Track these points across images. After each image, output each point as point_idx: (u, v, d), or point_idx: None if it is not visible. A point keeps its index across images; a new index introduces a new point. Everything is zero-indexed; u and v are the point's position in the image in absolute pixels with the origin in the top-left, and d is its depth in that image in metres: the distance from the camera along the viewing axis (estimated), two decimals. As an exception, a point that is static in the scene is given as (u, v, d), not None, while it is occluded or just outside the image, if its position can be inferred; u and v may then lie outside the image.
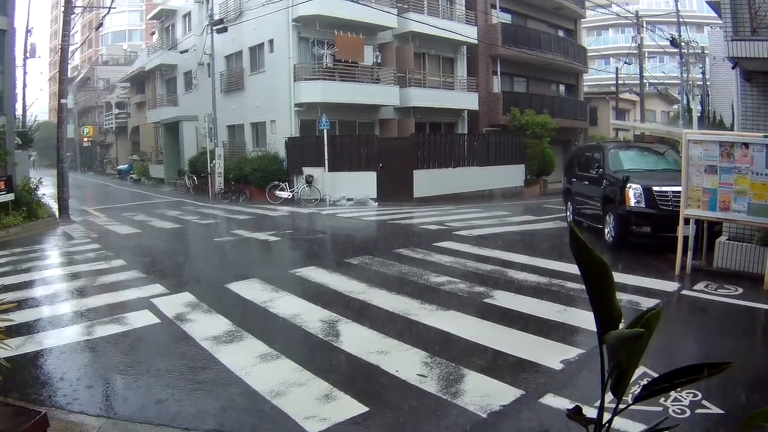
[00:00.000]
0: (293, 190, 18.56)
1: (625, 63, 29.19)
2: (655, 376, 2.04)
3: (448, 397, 3.67)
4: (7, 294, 4.84)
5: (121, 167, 36.67)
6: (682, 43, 25.20)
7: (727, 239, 7.40)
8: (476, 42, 23.44)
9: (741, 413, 3.21)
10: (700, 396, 3.49)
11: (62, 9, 16.82)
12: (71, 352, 4.71)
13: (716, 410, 3.37)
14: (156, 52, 30.13)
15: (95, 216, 15.90)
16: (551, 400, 3.58)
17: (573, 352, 4.38)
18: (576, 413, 1.44)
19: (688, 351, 4.79)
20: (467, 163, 19.98)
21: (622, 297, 5.74)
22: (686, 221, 7.15)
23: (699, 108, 24.68)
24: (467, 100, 23.82)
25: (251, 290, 6.61)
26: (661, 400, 3.43)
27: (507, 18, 25.98)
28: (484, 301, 6.03)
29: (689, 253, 7.15)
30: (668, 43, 25.45)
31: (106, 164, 44.48)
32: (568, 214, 11.93)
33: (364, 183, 18.13)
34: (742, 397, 3.59)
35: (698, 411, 3.36)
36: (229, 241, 11.01)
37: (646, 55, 34.48)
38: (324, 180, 18.15)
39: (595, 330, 1.39)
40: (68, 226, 13.54)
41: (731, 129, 12.33)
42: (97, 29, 38.91)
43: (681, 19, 24.98)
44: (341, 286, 6.73)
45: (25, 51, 25.29)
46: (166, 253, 10.16)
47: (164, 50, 28.48)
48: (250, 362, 4.30)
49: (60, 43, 16.67)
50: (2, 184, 12.50)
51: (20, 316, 5.20)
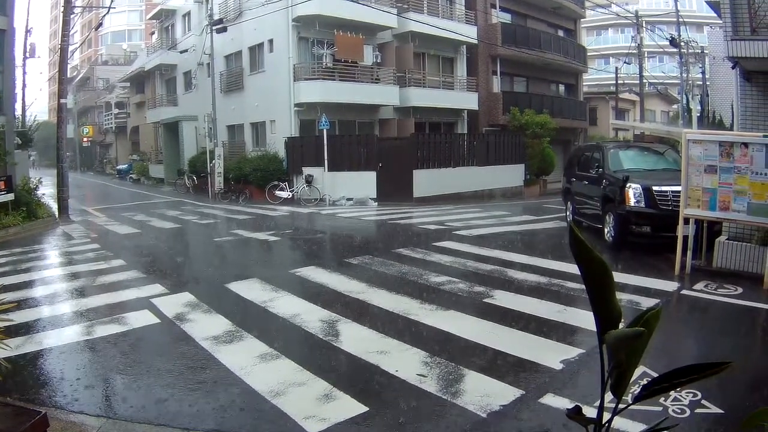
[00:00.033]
0: (293, 190, 18.56)
1: (625, 63, 29.21)
2: (654, 375, 2.04)
3: (448, 396, 3.67)
4: (6, 294, 4.84)
5: (120, 167, 36.68)
6: (682, 43, 25.21)
7: (727, 239, 7.41)
8: (476, 42, 23.45)
9: (741, 413, 3.22)
10: (699, 396, 3.49)
11: (62, 9, 16.81)
12: (71, 352, 4.71)
13: (716, 410, 3.37)
14: (155, 52, 30.14)
15: (95, 216, 15.90)
16: (551, 399, 3.58)
17: (573, 352, 4.38)
18: (576, 413, 1.45)
19: (688, 351, 4.79)
20: (467, 162, 19.97)
21: (622, 297, 5.74)
22: (686, 221, 7.15)
23: (699, 108, 24.66)
24: (467, 100, 23.83)
25: (251, 290, 6.61)
26: (661, 400, 3.43)
27: (507, 18, 25.99)
28: (484, 300, 6.03)
29: (689, 253, 7.15)
30: (668, 43, 25.46)
31: (106, 164, 44.48)
32: (567, 213, 11.93)
33: (363, 183, 18.13)
34: (741, 396, 3.59)
35: (698, 411, 3.36)
36: (228, 241, 11.01)
37: (646, 55, 34.50)
38: (324, 180, 18.15)
39: (595, 330, 1.39)
40: (68, 226, 13.54)
41: (731, 129, 12.31)
42: (96, 29, 38.88)
43: (681, 19, 24.99)
44: (341, 286, 6.73)
45: (25, 51, 25.28)
46: (166, 253, 10.16)
47: (164, 50, 28.49)
48: (249, 362, 4.30)
49: (59, 42, 16.66)
50: (2, 184, 12.49)
51: (20, 316, 5.20)
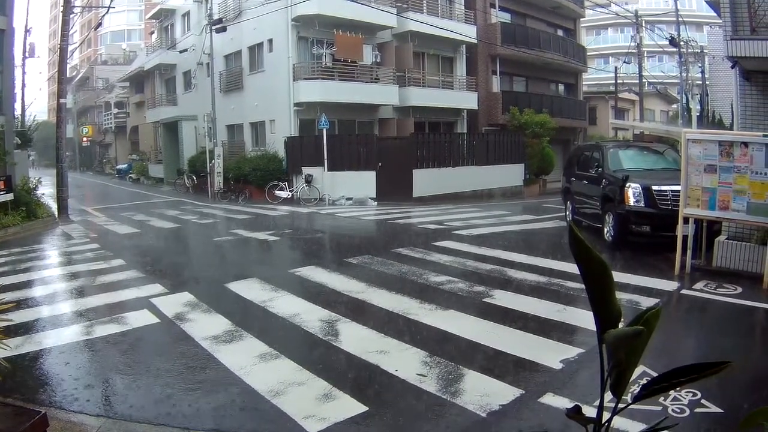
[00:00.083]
0: (292, 190, 18.56)
1: (625, 62, 29.22)
2: (654, 375, 2.04)
3: (448, 396, 3.67)
4: (6, 294, 4.84)
5: (120, 167, 36.67)
6: (682, 43, 25.22)
7: (727, 238, 7.41)
8: (475, 41, 23.44)
9: (740, 412, 3.22)
10: (699, 395, 3.49)
11: (61, 9, 16.80)
12: (70, 351, 4.71)
13: (715, 409, 3.37)
14: (155, 52, 30.13)
15: (94, 216, 15.89)
16: (551, 399, 3.58)
17: (572, 352, 4.38)
18: (575, 413, 1.44)
19: (688, 350, 4.79)
20: (466, 162, 19.97)
21: (622, 296, 5.74)
22: (685, 220, 7.15)
23: (698, 107, 24.68)
24: (466, 100, 23.82)
25: (251, 290, 6.61)
26: (661, 400, 3.43)
27: (506, 17, 25.99)
28: (484, 300, 6.03)
29: (688, 253, 7.15)
30: (667, 43, 25.47)
31: (105, 164, 44.45)
32: (567, 213, 11.93)
33: (363, 182, 18.12)
34: (741, 396, 3.60)
35: (697, 410, 3.36)
36: (228, 241, 11.00)
37: (646, 55, 34.51)
38: (323, 179, 18.15)
39: (595, 329, 1.39)
40: (67, 226, 13.53)
41: (730, 128, 12.32)
42: (96, 29, 38.85)
43: (680, 19, 24.99)
44: (341, 286, 6.73)
45: (24, 51, 25.29)
46: (166, 253, 10.16)
47: (163, 50, 28.48)
48: (249, 362, 4.30)
49: (59, 42, 16.64)
50: (1, 184, 12.48)
51: (19, 316, 5.19)
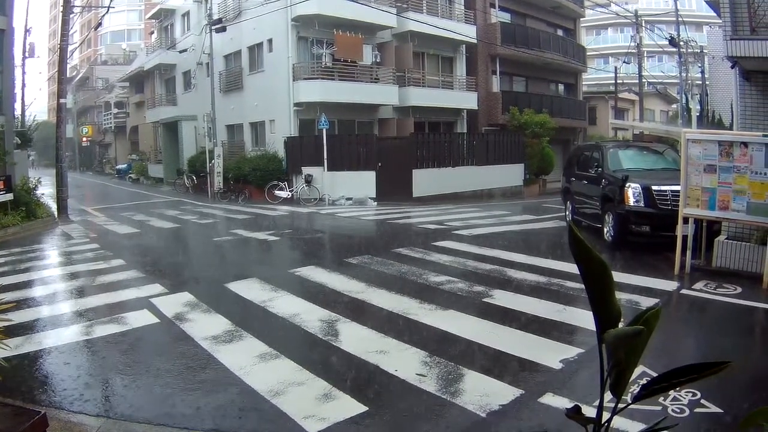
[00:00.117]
0: (292, 190, 18.56)
1: (624, 62, 29.21)
2: (654, 375, 2.04)
3: (448, 396, 3.67)
4: (6, 294, 4.84)
5: (120, 167, 36.65)
6: (681, 43, 25.21)
7: (726, 238, 7.41)
8: (475, 41, 23.44)
9: (740, 412, 3.22)
10: (699, 395, 3.49)
11: (61, 8, 16.80)
12: (70, 351, 4.71)
13: (715, 409, 3.37)
14: (155, 52, 30.13)
15: (94, 216, 15.89)
16: (550, 399, 3.58)
17: (572, 352, 4.38)
18: (575, 413, 1.44)
19: (688, 350, 4.79)
20: (466, 162, 19.97)
21: (622, 296, 5.74)
22: (685, 220, 7.15)
23: (698, 107, 24.70)
24: (466, 100, 23.82)
25: (250, 290, 6.60)
26: (661, 400, 3.43)
27: (506, 17, 25.98)
28: (484, 300, 6.03)
29: (688, 253, 7.15)
30: (667, 43, 25.46)
31: (105, 164, 44.44)
32: (567, 213, 11.93)
33: (363, 182, 18.12)
34: (741, 396, 3.59)
35: (697, 410, 3.37)
36: (228, 241, 11.00)
37: (645, 55, 34.50)
38: (323, 179, 18.14)
39: (595, 329, 1.39)
40: (67, 226, 13.53)
41: (730, 128, 12.33)
42: (95, 29, 38.82)
43: (680, 19, 24.98)
44: (340, 286, 6.73)
45: (24, 51, 25.25)
46: (166, 253, 10.16)
47: (163, 50, 28.47)
48: (249, 362, 4.30)
49: (59, 42, 16.64)
50: (1, 184, 12.47)
51: (19, 316, 5.19)
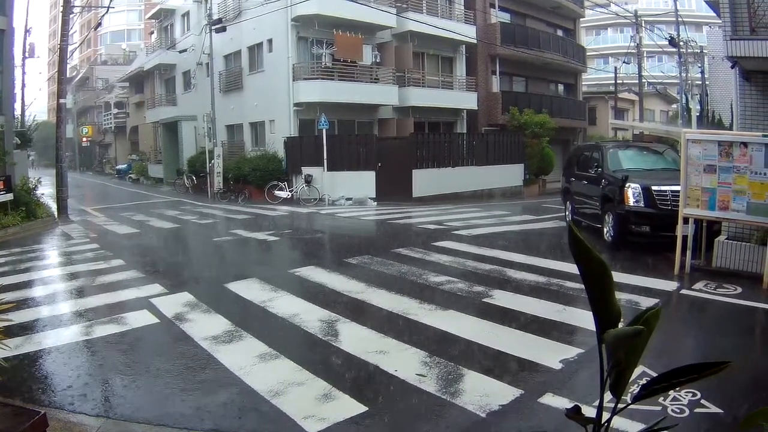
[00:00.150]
0: (292, 190, 18.55)
1: (624, 62, 29.20)
2: (654, 375, 2.04)
3: (447, 396, 3.67)
4: (6, 294, 4.83)
5: (120, 167, 36.64)
6: (681, 43, 25.21)
7: (726, 238, 7.41)
8: (475, 41, 23.45)
9: (740, 412, 3.22)
10: (699, 395, 3.49)
11: (61, 9, 16.80)
12: (70, 352, 4.71)
13: (715, 409, 3.37)
14: (155, 52, 30.13)
15: (94, 216, 15.88)
16: (550, 399, 3.58)
17: (572, 352, 4.38)
18: (575, 413, 1.44)
19: (687, 350, 4.79)
20: (466, 162, 19.97)
21: (621, 296, 5.74)
22: (685, 220, 7.15)
23: (698, 107, 24.70)
24: (466, 100, 23.82)
25: (250, 290, 6.60)
26: (660, 400, 3.43)
27: (506, 17, 25.99)
28: (483, 300, 6.02)
29: (688, 253, 7.15)
30: (667, 43, 25.46)
31: (105, 164, 44.44)
32: (567, 213, 11.93)
33: (363, 182, 18.12)
34: (741, 396, 3.59)
35: (697, 410, 3.36)
36: (228, 241, 11.00)
37: (645, 55, 34.50)
38: (323, 180, 18.15)
39: (594, 329, 1.39)
40: (67, 226, 13.53)
41: (730, 128, 12.33)
42: (95, 29, 38.83)
43: (680, 19, 24.99)
44: (340, 286, 6.73)
45: (24, 51, 25.24)
46: (165, 253, 10.16)
47: (163, 50, 28.47)
48: (249, 362, 4.30)
49: (59, 42, 16.64)
50: (1, 184, 12.47)
51: (19, 316, 5.19)
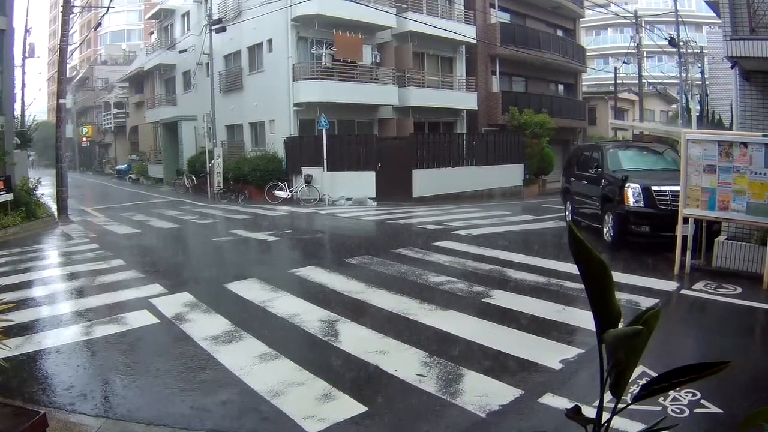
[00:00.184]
0: (292, 190, 18.55)
1: (624, 62, 29.21)
2: (654, 375, 2.04)
3: (447, 396, 3.67)
4: (6, 294, 4.83)
5: (119, 167, 36.63)
6: (681, 43, 25.21)
7: (726, 239, 7.41)
8: (475, 41, 23.45)
9: (740, 413, 3.22)
10: (699, 395, 3.49)
11: (61, 9, 16.80)
12: (70, 352, 4.71)
13: (715, 410, 3.37)
14: (154, 52, 30.13)
15: (94, 216, 15.89)
16: (550, 399, 3.58)
17: (572, 352, 4.38)
18: (575, 413, 1.44)
19: (687, 350, 4.79)
20: (466, 162, 19.96)
21: (621, 296, 5.74)
22: (685, 220, 7.15)
23: (698, 107, 24.69)
24: (466, 100, 23.83)
25: (250, 290, 6.60)
26: (660, 400, 3.43)
27: (506, 17, 26.00)
28: (483, 300, 6.02)
29: (688, 253, 7.15)
30: (667, 43, 25.46)
31: (105, 164, 44.44)
32: (567, 213, 11.93)
33: (362, 183, 18.12)
34: (741, 396, 3.59)
35: (697, 410, 3.36)
36: (228, 241, 11.00)
37: (645, 55, 34.51)
38: (323, 180, 18.15)
39: (594, 329, 1.39)
40: (67, 226, 13.53)
41: (730, 128, 12.33)
42: (95, 29, 38.84)
43: (680, 19, 24.99)
44: (340, 286, 6.73)
45: (24, 51, 25.25)
46: (165, 253, 10.16)
47: (163, 50, 28.47)
48: (249, 362, 4.30)
49: (59, 42, 16.64)
50: (1, 184, 12.48)
51: (19, 317, 5.19)
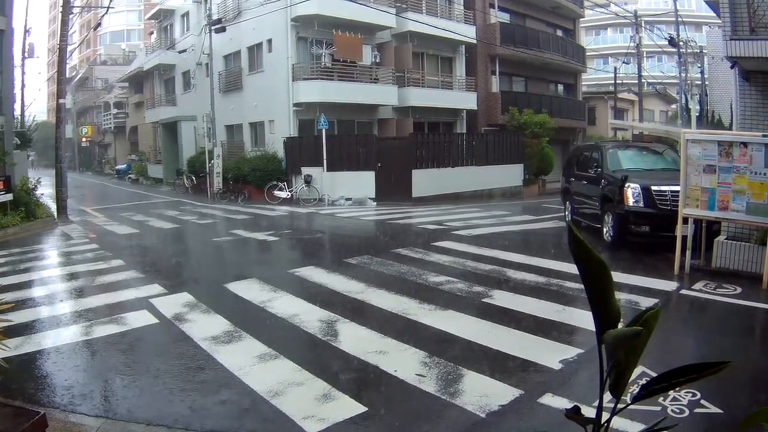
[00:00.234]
0: (292, 190, 18.55)
1: (624, 62, 29.22)
2: (653, 375, 2.04)
3: (447, 396, 3.67)
4: (5, 294, 4.84)
5: (119, 167, 36.61)
6: (681, 43, 25.22)
7: (726, 238, 7.41)
8: (475, 41, 23.45)
9: (740, 413, 3.22)
10: (698, 395, 3.49)
11: (60, 9, 16.79)
12: (70, 352, 4.70)
13: (715, 410, 3.37)
14: (154, 52, 30.13)
15: (94, 216, 15.88)
16: (550, 399, 3.58)
17: (572, 352, 4.38)
18: (575, 413, 1.44)
19: (687, 350, 4.79)
20: (466, 162, 19.96)
21: (621, 296, 5.74)
22: (685, 220, 7.15)
23: (697, 107, 24.67)
24: (466, 100, 23.82)
25: (250, 290, 6.60)
26: (660, 400, 3.43)
27: (505, 17, 26.00)
28: (483, 300, 6.02)
29: (688, 253, 7.15)
30: (667, 43, 25.47)
31: (105, 164, 44.43)
32: (566, 213, 11.93)
33: (362, 183, 18.12)
34: (740, 396, 3.59)
35: (697, 410, 3.36)
36: (227, 241, 11.00)
37: (645, 55, 34.52)
38: (322, 180, 18.14)
39: (594, 329, 1.39)
40: (67, 226, 13.52)
41: (730, 128, 12.32)
42: (95, 29, 38.87)
43: (679, 19, 25.00)
44: (340, 286, 6.73)
45: (24, 51, 25.28)
46: (165, 253, 10.15)
47: (162, 50, 28.46)
48: (248, 362, 4.29)
49: (58, 43, 16.64)
50: (1, 184, 12.48)
51: (19, 317, 5.18)
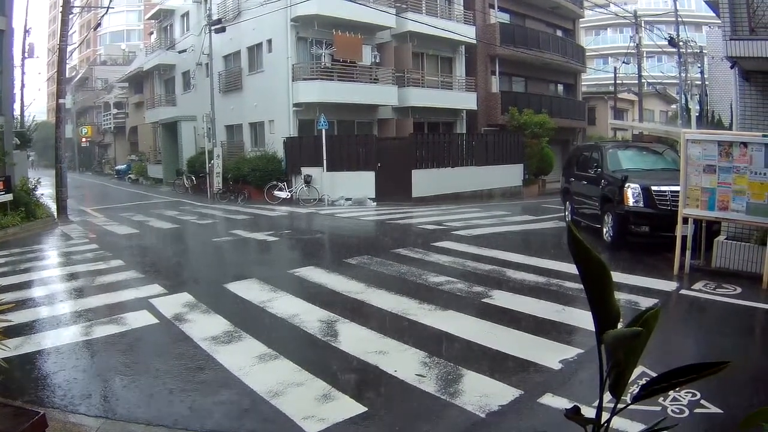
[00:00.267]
0: (292, 190, 18.55)
1: (624, 63, 29.22)
2: (653, 375, 2.04)
3: (447, 397, 3.67)
4: (5, 294, 4.84)
5: (119, 167, 36.61)
6: (681, 43, 25.22)
7: (726, 239, 7.41)
8: (474, 42, 23.46)
9: (740, 413, 3.22)
10: (698, 396, 3.49)
11: (60, 9, 16.80)
12: (69, 352, 4.70)
13: (715, 410, 3.37)
14: (154, 52, 30.13)
15: (93, 216, 15.88)
16: (550, 400, 3.58)
17: (572, 352, 4.38)
18: (574, 413, 1.44)
19: (687, 350, 4.80)
20: (466, 162, 19.96)
21: (621, 296, 5.74)
22: (685, 221, 7.16)
23: (697, 107, 24.67)
24: (465, 100, 23.83)
25: (250, 290, 6.60)
26: (660, 400, 3.43)
27: (505, 18, 26.01)
28: (483, 300, 6.02)
29: (688, 253, 7.15)
30: (666, 43, 25.47)
31: (105, 164, 44.44)
32: (566, 213, 11.93)
33: (362, 183, 18.12)
34: (740, 396, 3.59)
35: (697, 411, 3.36)
36: (227, 241, 10.99)
37: (645, 55, 34.52)
38: (322, 180, 18.14)
39: (594, 329, 1.39)
40: (66, 227, 13.52)
41: (730, 128, 12.32)
42: (95, 29, 38.88)
43: (679, 19, 25.00)
44: (340, 286, 6.73)
45: (24, 51, 25.28)
46: (165, 253, 10.15)
47: (162, 50, 28.46)
48: (248, 362, 4.29)
49: (58, 43, 16.64)
50: (1, 185, 12.48)
51: (19, 317, 5.18)
